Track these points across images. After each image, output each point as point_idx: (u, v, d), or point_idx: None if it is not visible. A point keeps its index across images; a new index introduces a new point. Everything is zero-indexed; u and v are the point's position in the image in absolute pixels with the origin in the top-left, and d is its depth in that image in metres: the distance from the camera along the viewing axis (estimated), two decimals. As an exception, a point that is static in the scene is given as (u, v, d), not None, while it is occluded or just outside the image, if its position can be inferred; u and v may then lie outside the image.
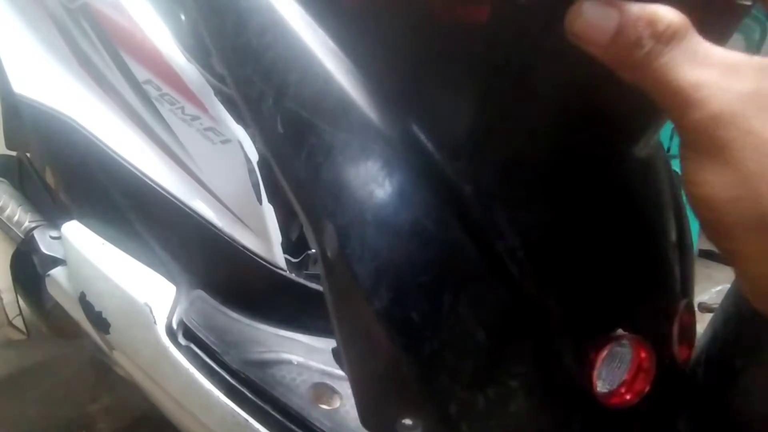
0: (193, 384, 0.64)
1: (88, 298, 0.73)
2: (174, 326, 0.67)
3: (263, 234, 0.66)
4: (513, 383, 0.34)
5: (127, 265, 0.71)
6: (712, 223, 0.24)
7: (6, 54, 0.78)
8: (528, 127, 0.34)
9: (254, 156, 0.63)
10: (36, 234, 0.85)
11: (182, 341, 0.66)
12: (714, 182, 0.23)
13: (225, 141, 0.65)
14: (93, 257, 0.72)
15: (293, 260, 0.69)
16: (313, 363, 0.62)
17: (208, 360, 0.64)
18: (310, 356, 0.63)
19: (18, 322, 0.96)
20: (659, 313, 0.41)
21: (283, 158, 0.37)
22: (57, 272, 0.82)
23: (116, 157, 0.71)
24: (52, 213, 0.88)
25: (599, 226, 0.37)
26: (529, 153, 0.35)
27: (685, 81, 0.23)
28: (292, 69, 0.37)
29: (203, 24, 0.43)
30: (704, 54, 0.23)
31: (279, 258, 0.66)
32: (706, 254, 1.71)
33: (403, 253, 0.33)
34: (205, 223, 0.67)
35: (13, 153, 1.00)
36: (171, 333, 0.67)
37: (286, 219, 0.68)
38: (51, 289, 0.85)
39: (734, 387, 0.44)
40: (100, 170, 0.73)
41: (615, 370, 0.38)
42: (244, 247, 0.67)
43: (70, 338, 1.00)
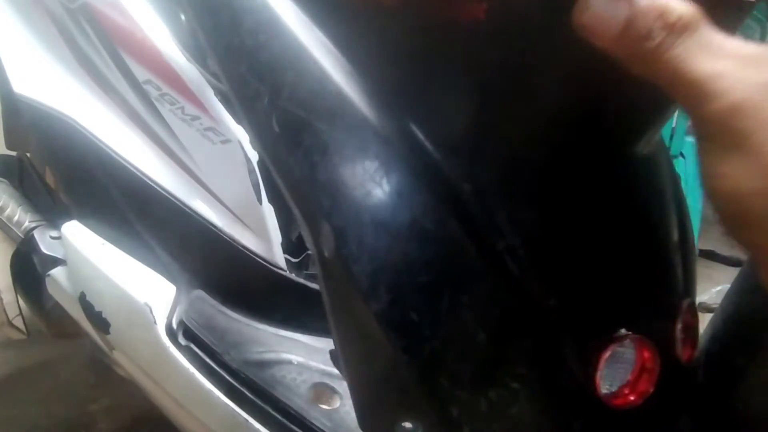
0: (193, 384, 0.64)
1: (88, 298, 0.73)
2: (174, 326, 0.67)
3: (263, 234, 0.66)
4: (515, 385, 0.34)
5: (127, 265, 0.71)
6: (735, 217, 0.24)
7: (6, 54, 0.78)
8: (527, 125, 0.34)
9: (254, 156, 0.63)
10: (36, 234, 0.85)
11: (182, 341, 0.66)
12: (736, 174, 0.23)
13: (225, 141, 0.65)
14: (93, 257, 0.72)
15: (293, 260, 0.69)
16: (313, 363, 0.62)
17: (208, 360, 0.64)
18: (310, 356, 0.63)
19: (18, 322, 0.96)
20: (662, 314, 0.40)
21: (279, 158, 0.37)
22: (57, 272, 0.82)
23: (116, 157, 0.71)
24: (52, 213, 0.88)
25: (601, 225, 0.37)
26: (529, 151, 0.35)
27: (701, 72, 0.23)
28: (288, 68, 0.36)
29: (198, 23, 0.43)
30: (719, 45, 0.23)
31: (279, 258, 0.66)
32: (707, 254, 1.71)
33: (401, 254, 0.33)
34: (205, 223, 0.67)
35: (13, 153, 1.00)
36: (171, 333, 0.67)
37: (286, 219, 0.68)
38: (51, 289, 0.85)
39: (734, 387, 0.44)
40: (100, 170, 0.73)
41: (618, 371, 0.38)
42: (244, 247, 0.67)
43: (70, 338, 1.00)
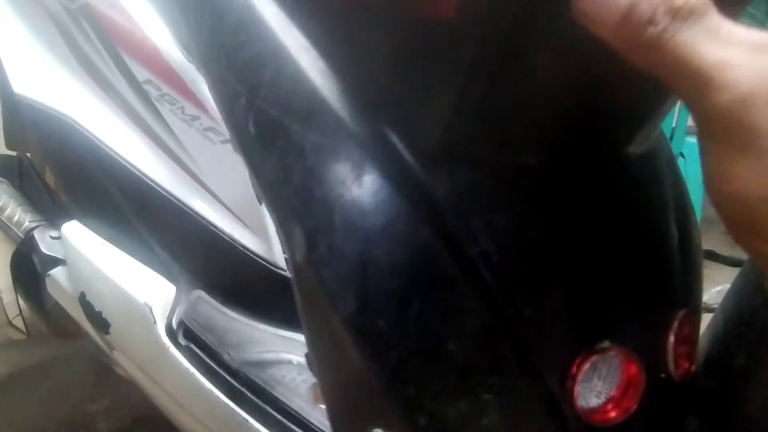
0: (193, 384, 0.64)
1: (88, 298, 0.73)
2: (174, 326, 0.67)
3: (263, 234, 0.66)
4: (486, 396, 0.33)
5: (127, 265, 0.71)
6: (742, 223, 0.22)
7: (6, 54, 0.78)
8: (506, 127, 0.33)
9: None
10: (36, 234, 0.85)
11: (182, 341, 0.66)
12: (745, 177, 0.20)
13: (225, 141, 0.65)
14: (93, 257, 0.72)
15: (293, 260, 0.69)
16: (313, 363, 0.62)
17: (208, 360, 0.64)
18: (310, 356, 0.63)
19: (18, 322, 0.96)
20: (652, 325, 0.38)
21: (255, 159, 0.36)
22: (57, 272, 0.82)
23: (116, 157, 0.71)
24: (52, 213, 0.88)
25: (586, 229, 0.35)
26: (508, 154, 0.33)
27: (707, 61, 0.20)
28: (266, 67, 0.36)
29: (183, 21, 0.43)
30: (727, 32, 0.21)
31: (279, 258, 0.66)
32: (707, 254, 1.71)
33: (371, 259, 0.32)
34: (205, 223, 0.67)
35: (13, 153, 1.00)
36: (171, 333, 0.67)
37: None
38: (51, 289, 0.85)
39: (734, 387, 0.44)
40: (100, 170, 0.73)
41: (601, 385, 0.36)
42: (244, 247, 0.67)
43: (70, 338, 1.00)
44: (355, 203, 0.32)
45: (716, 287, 1.45)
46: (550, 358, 0.34)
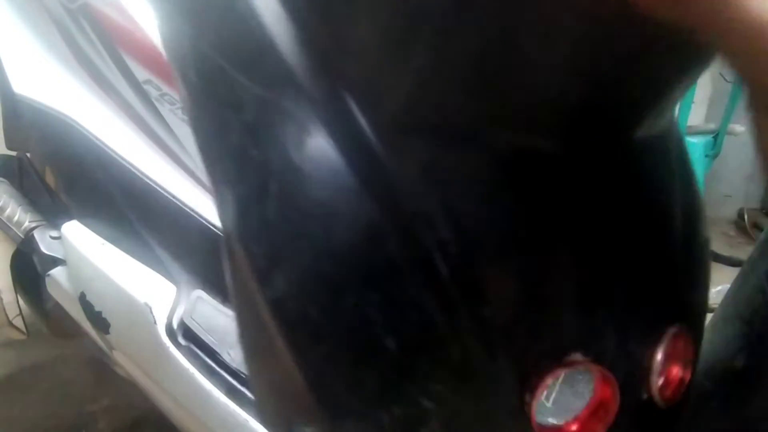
0: (193, 384, 0.64)
1: (88, 298, 0.73)
2: (174, 326, 0.67)
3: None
4: (427, 403, 0.29)
5: (127, 265, 0.71)
6: None
7: (6, 54, 0.78)
8: (488, 96, 0.28)
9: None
10: (36, 234, 0.85)
11: (182, 341, 0.66)
12: None
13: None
14: (93, 257, 0.72)
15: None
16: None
17: (208, 360, 0.64)
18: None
19: (18, 322, 0.96)
20: (639, 339, 0.33)
21: (194, 112, 0.32)
22: (57, 272, 0.82)
23: (116, 157, 0.71)
24: (52, 213, 0.88)
25: (570, 222, 0.31)
26: (485, 128, 0.29)
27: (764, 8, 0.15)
28: (214, 6, 0.31)
29: None
30: None
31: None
32: (706, 254, 1.71)
33: (307, 235, 0.28)
34: (205, 223, 0.67)
35: (13, 153, 1.00)
36: (171, 333, 0.67)
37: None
38: (51, 289, 0.85)
39: (734, 387, 0.44)
40: (100, 170, 0.73)
41: (569, 403, 0.32)
42: (244, 247, 0.66)
43: (70, 338, 1.00)
44: (296, 171, 0.28)
45: (716, 287, 1.45)
46: (509, 368, 0.29)
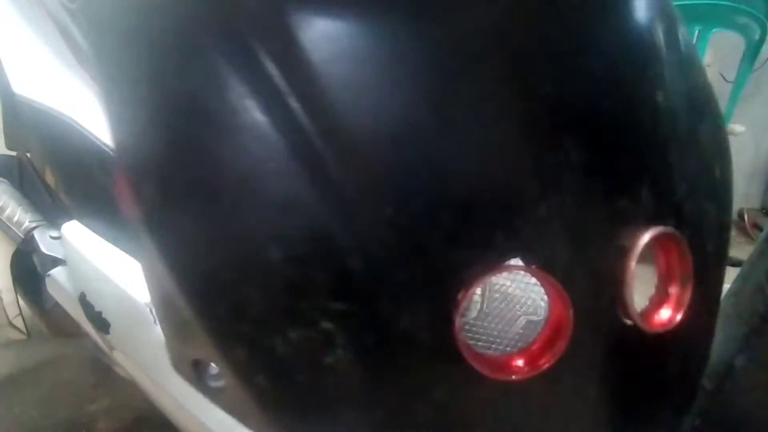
0: (193, 384, 0.64)
1: (88, 298, 0.73)
2: (174, 326, 0.67)
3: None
4: (326, 325, 0.23)
5: (127, 265, 0.71)
6: None
7: (6, 54, 0.78)
8: None
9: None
10: (36, 234, 0.85)
11: (182, 341, 0.66)
12: None
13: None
14: (93, 257, 0.72)
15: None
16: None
17: (208, 360, 0.64)
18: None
19: (18, 322, 0.96)
20: (600, 242, 0.25)
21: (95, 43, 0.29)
22: (57, 272, 0.82)
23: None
24: (52, 213, 0.88)
25: (503, 79, 0.24)
26: None
27: None
28: None
29: None
30: None
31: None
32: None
33: (173, 134, 0.24)
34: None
35: (13, 153, 1.00)
36: (171, 333, 0.66)
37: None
38: (51, 289, 0.85)
39: (735, 387, 0.44)
40: (100, 170, 0.72)
41: (509, 327, 0.25)
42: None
43: (70, 338, 1.00)
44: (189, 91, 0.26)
45: (716, 287, 1.45)
46: (426, 276, 0.23)
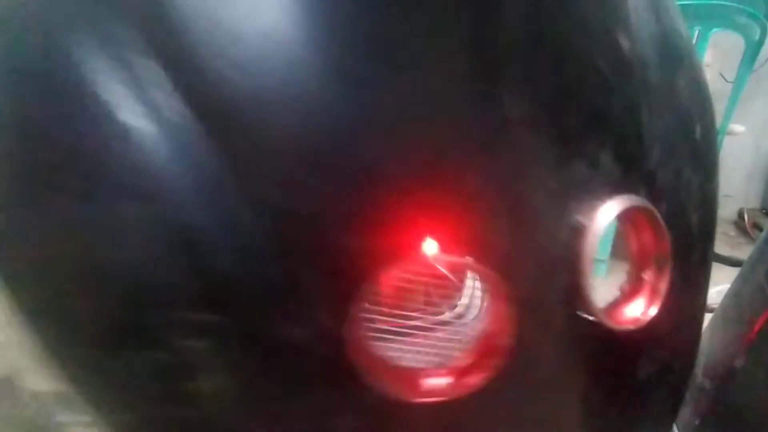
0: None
1: None
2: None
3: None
4: (186, 342, 0.18)
5: None
6: None
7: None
8: None
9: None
10: None
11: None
12: None
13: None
14: None
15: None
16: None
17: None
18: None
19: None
20: (549, 222, 0.20)
21: None
22: (57, 272, 0.81)
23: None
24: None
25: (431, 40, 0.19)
26: None
27: None
28: None
29: None
30: None
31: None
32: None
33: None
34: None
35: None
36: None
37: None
38: (51, 289, 0.84)
39: (734, 387, 0.44)
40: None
41: (445, 332, 0.19)
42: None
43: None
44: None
45: (716, 287, 1.45)
46: (314, 275, 0.18)
